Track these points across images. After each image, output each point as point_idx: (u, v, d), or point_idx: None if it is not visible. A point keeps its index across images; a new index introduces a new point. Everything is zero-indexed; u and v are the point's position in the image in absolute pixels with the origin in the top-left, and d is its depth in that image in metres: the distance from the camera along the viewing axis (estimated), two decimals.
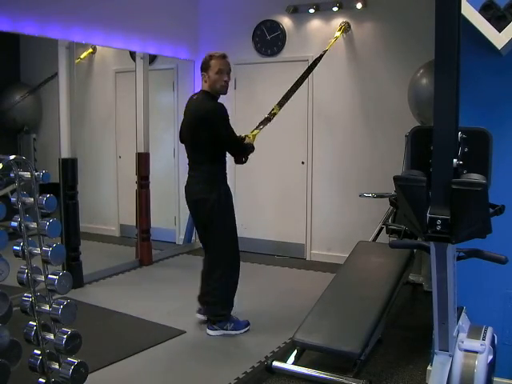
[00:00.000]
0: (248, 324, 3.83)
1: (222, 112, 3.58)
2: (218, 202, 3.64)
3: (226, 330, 3.73)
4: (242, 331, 3.78)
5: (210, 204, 3.62)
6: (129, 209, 5.91)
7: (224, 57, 3.67)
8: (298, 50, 5.70)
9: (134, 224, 5.66)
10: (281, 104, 4.41)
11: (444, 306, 1.98)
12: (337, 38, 5.32)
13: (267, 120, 4.25)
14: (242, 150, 3.79)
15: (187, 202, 3.80)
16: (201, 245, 4.00)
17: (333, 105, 5.62)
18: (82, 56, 6.26)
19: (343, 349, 2.98)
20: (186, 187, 3.78)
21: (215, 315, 3.74)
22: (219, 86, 3.64)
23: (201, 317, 3.91)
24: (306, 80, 5.59)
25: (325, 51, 5.05)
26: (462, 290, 2.21)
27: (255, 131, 4.01)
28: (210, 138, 3.57)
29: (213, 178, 3.65)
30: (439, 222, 1.71)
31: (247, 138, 3.84)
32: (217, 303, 3.74)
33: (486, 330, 2.25)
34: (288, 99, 4.52)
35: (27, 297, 2.21)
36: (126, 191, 6.25)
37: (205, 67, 3.66)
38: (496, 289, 2.82)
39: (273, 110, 4.35)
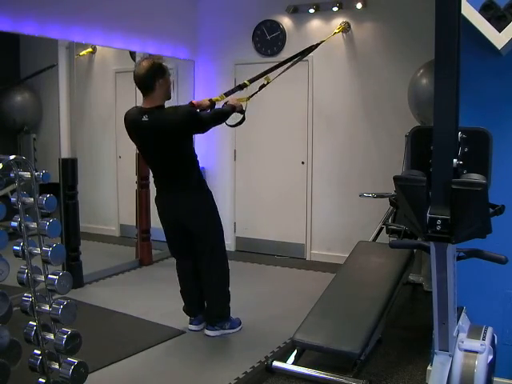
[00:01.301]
0: (240, 322, 3.84)
1: (193, 110, 3.53)
2: (211, 207, 3.68)
3: (225, 329, 3.74)
4: (238, 329, 3.79)
5: (206, 212, 3.64)
6: (129, 209, 5.91)
7: None
8: (298, 50, 5.63)
9: (134, 224, 5.65)
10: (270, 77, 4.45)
11: (444, 306, 1.98)
12: (335, 33, 5.34)
13: (261, 87, 4.35)
14: (226, 115, 3.67)
15: (172, 214, 3.61)
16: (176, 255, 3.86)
17: (333, 105, 5.62)
18: (80, 53, 6.24)
19: (343, 349, 2.98)
20: (170, 199, 3.59)
21: (218, 316, 3.73)
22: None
23: (194, 327, 3.79)
24: (306, 80, 5.63)
25: (322, 41, 5.05)
26: (462, 290, 2.21)
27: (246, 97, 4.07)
28: (191, 143, 3.55)
29: (201, 186, 3.64)
30: (439, 221, 1.71)
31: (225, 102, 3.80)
32: (219, 303, 3.74)
33: (486, 330, 2.26)
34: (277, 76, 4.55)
35: (27, 297, 2.22)
36: (126, 191, 6.24)
37: (162, 72, 3.43)
38: (496, 289, 2.82)
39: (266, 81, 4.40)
